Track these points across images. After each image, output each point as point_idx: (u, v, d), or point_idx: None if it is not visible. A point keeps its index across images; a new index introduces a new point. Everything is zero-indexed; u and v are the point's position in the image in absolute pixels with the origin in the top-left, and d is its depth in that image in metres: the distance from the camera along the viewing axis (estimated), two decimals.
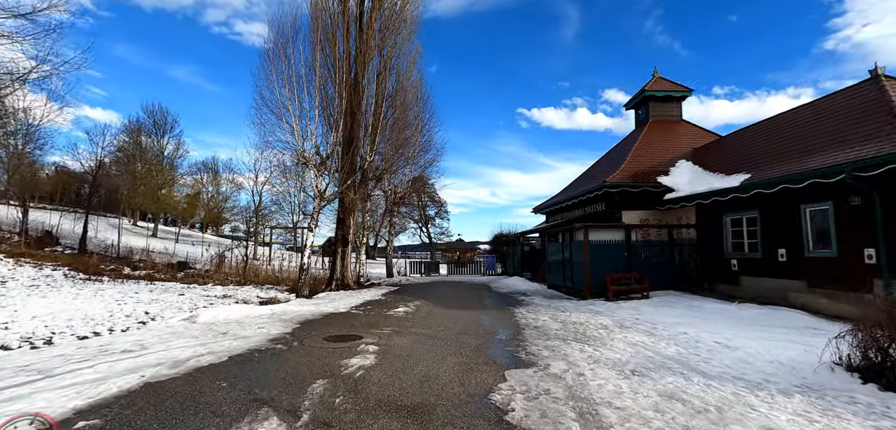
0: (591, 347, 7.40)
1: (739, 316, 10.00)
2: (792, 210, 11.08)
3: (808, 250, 10.65)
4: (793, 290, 11.05)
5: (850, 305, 9.59)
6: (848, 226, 9.68)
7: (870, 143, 9.32)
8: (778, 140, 13.11)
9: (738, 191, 12.24)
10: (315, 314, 10.94)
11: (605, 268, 14.23)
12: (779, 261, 11.49)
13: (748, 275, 12.58)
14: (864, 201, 9.28)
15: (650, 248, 14.84)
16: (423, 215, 53.67)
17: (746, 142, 15.09)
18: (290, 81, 14.61)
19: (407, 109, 19.61)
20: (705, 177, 15.15)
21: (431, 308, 12.48)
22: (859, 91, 11.57)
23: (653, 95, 20.99)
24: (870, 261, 9.19)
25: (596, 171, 21.70)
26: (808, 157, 10.96)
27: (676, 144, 19.09)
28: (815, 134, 11.65)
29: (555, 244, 17.63)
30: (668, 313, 10.69)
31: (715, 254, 13.97)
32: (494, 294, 16.88)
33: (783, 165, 11.47)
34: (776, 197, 11.42)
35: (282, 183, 34.28)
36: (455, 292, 17.59)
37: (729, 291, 13.26)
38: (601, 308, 11.99)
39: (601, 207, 17.71)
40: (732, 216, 13.25)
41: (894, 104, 9.68)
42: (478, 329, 9.21)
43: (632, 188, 16.35)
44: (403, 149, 20.22)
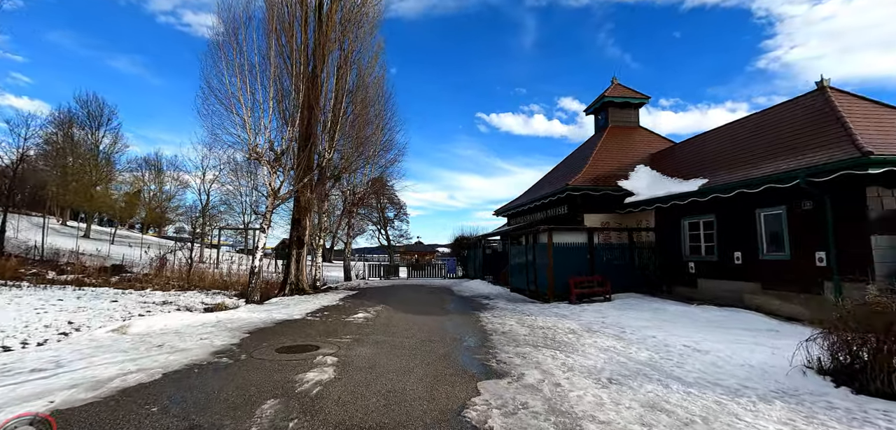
0: (563, 353, 7.12)
1: (701, 318, 10.13)
2: (747, 214, 11.41)
3: (763, 253, 10.99)
4: (748, 292, 11.37)
5: (801, 306, 9.93)
6: (800, 230, 10.03)
7: (821, 150, 9.69)
8: (732, 147, 13.56)
9: (696, 195, 12.51)
10: (266, 322, 10.07)
11: (568, 271, 14.19)
12: (734, 264, 11.81)
13: (705, 277, 12.88)
14: (816, 206, 9.63)
15: (611, 251, 14.98)
16: (382, 216, 52.52)
17: (701, 148, 15.57)
18: (241, 69, 13.58)
19: (368, 106, 18.89)
20: (664, 181, 15.49)
21: (393, 313, 11.89)
22: (806, 101, 12.13)
23: (612, 102, 21.42)
24: (820, 264, 9.54)
25: (557, 175, 21.86)
26: (762, 163, 11.33)
27: (634, 150, 19.52)
28: (767, 142, 12.09)
29: (518, 247, 17.49)
30: (633, 317, 10.67)
31: (673, 257, 14.27)
32: (457, 298, 16.49)
33: (739, 171, 11.82)
34: (732, 201, 11.73)
35: (232, 181, 32.40)
36: (417, 296, 17.04)
37: (686, 293, 13.55)
38: (566, 312, 11.86)
39: (563, 211, 17.77)
40: (690, 220, 13.56)
41: (841, 115, 10.14)
42: (444, 336, 8.74)
43: (593, 192, 16.48)
44: (363, 147, 19.47)
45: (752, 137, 13.01)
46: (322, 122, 16.95)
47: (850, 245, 8.94)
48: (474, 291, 18.94)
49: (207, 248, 35.66)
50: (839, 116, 10.17)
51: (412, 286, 22.47)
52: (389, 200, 55.50)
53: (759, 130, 13.01)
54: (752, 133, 13.19)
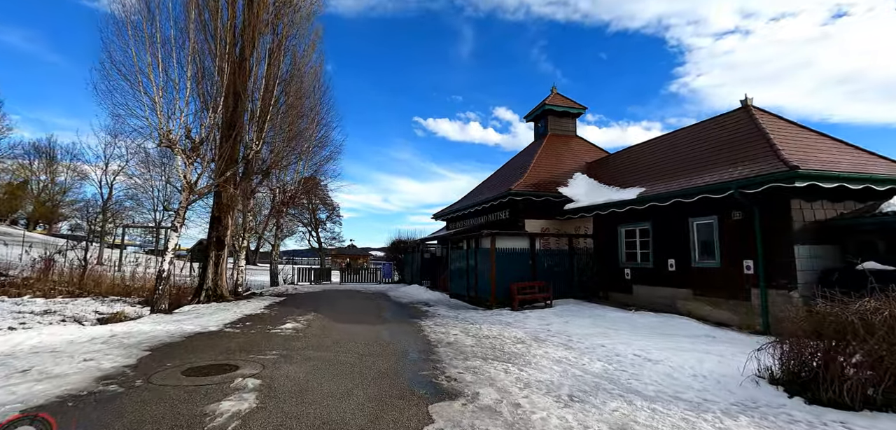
0: (516, 367, 6.64)
1: (641, 324, 10.23)
2: (681, 223, 11.82)
3: (695, 260, 11.41)
4: (680, 298, 11.76)
5: (730, 311, 10.37)
6: (730, 239, 10.49)
7: (751, 164, 10.21)
8: (667, 158, 14.13)
9: (634, 203, 12.80)
10: (174, 336, 8.62)
11: (510, 276, 13.96)
12: (668, 271, 12.20)
13: (640, 284, 13.23)
14: (745, 217, 10.11)
15: (552, 257, 14.99)
16: (313, 218, 50.11)
17: (637, 159, 16.15)
18: (153, 41, 11.77)
19: (303, 97, 17.51)
20: (601, 189, 15.84)
21: (326, 323, 10.84)
22: (733, 118, 12.91)
23: (552, 110, 21.82)
24: (748, 271, 10.01)
25: (497, 180, 21.80)
26: (696, 174, 11.81)
27: (572, 158, 19.96)
28: (700, 154, 12.68)
29: (458, 252, 17.05)
30: (576, 324, 10.56)
31: (610, 263, 14.56)
32: (395, 305, 15.66)
33: (675, 181, 12.24)
34: (668, 210, 12.12)
35: (142, 174, 28.88)
36: (351, 303, 15.96)
37: (622, 299, 13.86)
38: (510, 319, 11.53)
39: (505, 216, 17.63)
40: (627, 228, 13.90)
41: (766, 132, 10.81)
42: (385, 348, 7.94)
43: (535, 197, 16.49)
44: (296, 142, 18.02)
45: (686, 149, 13.62)
46: (250, 111, 15.36)
47: (775, 254, 9.43)
48: (412, 297, 18.21)
49: (109, 248, 31.49)
50: (764, 133, 10.82)
51: (346, 292, 21.23)
52: (322, 200, 53.10)
53: (691, 143, 13.65)
54: (686, 146, 13.82)
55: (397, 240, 28.92)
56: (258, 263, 55.60)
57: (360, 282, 28.13)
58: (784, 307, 9.07)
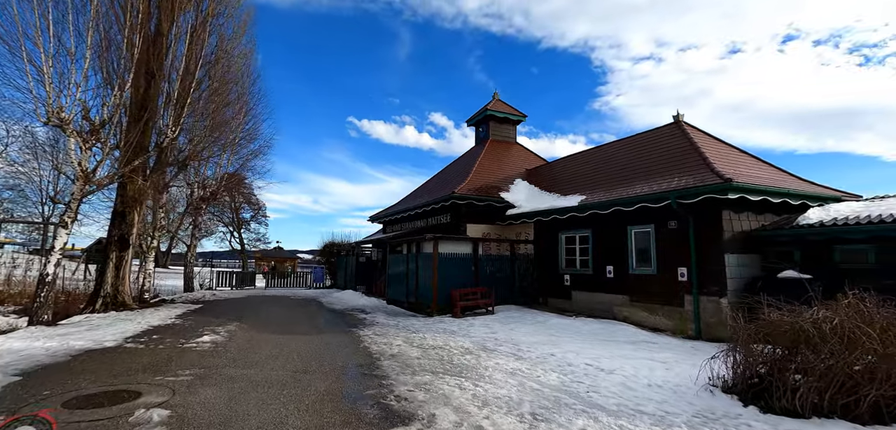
0: (470, 381, 6.16)
1: (585, 331, 10.26)
2: (620, 231, 12.14)
3: (632, 267, 11.75)
4: (618, 304, 12.06)
5: (665, 317, 10.75)
6: (666, 247, 10.90)
7: (686, 175, 10.68)
8: (605, 168, 14.55)
9: (575, 210, 12.98)
10: (57, 354, 7.11)
11: (452, 282, 13.56)
12: (607, 277, 12.48)
13: (580, 290, 13.43)
14: (680, 226, 10.54)
15: (494, 262, 14.81)
16: (236, 217, 46.66)
17: (576, 168, 16.53)
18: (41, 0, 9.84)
19: (229, 83, 15.88)
20: (542, 196, 16.00)
21: (252, 334, 9.68)
22: (666, 131, 13.59)
23: (493, 115, 21.89)
24: (682, 278, 10.43)
25: (437, 184, 21.41)
26: (636, 183, 12.20)
27: (513, 164, 20.11)
28: (638, 165, 13.15)
29: (397, 256, 16.36)
30: (522, 331, 10.36)
31: (550, 270, 14.69)
32: (329, 312, 14.60)
33: (613, 190, 12.57)
34: (608, 218, 12.41)
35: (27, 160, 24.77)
36: (280, 310, 14.64)
37: (562, 305, 14.01)
38: (454, 327, 11.08)
39: (446, 220, 17.24)
40: (567, 234, 14.10)
41: (699, 146, 11.41)
42: (321, 363, 7.10)
43: (478, 201, 16.28)
44: (221, 132, 16.28)
45: (624, 160, 14.10)
46: (166, 93, 13.54)
47: (707, 262, 9.90)
48: (347, 303, 17.19)
49: None
50: (697, 148, 11.42)
51: (273, 298, 19.61)
52: (247, 199, 49.76)
53: (629, 155, 14.15)
54: (624, 157, 14.31)
55: (330, 243, 27.48)
56: (169, 265, 50.60)
57: (288, 287, 26.31)
58: (715, 313, 9.53)
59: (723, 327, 9.46)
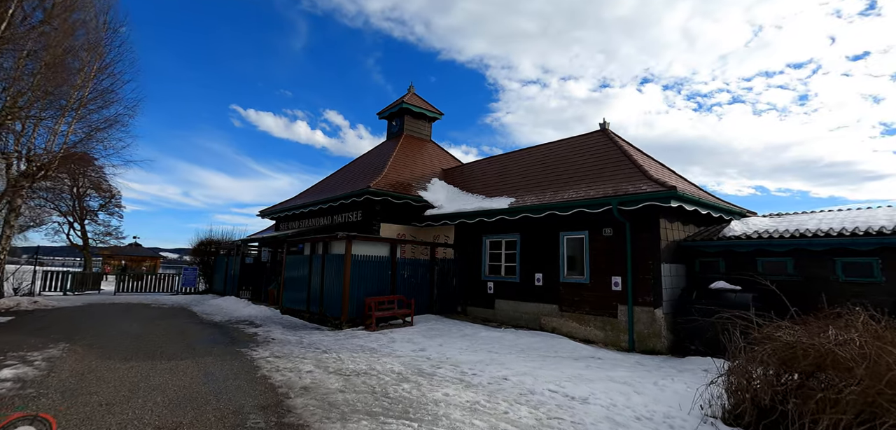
0: (427, 428, 4.56)
1: (522, 345, 9.25)
2: (552, 237, 11.52)
3: (563, 275, 11.17)
4: (546, 314, 11.39)
5: (598, 328, 10.28)
6: (600, 255, 10.47)
7: (625, 182, 10.38)
8: (534, 172, 13.97)
9: (505, 213, 12.10)
10: None
11: (366, 289, 11.71)
12: (535, 285, 11.76)
13: (505, 298, 12.55)
14: (615, 234, 10.18)
15: (411, 267, 13.24)
16: (78, 205, 38.18)
17: (503, 169, 15.79)
18: None
19: (75, 23, 11.97)
20: (464, 197, 14.94)
21: (89, 362, 6.81)
22: (593, 139, 13.47)
23: (409, 109, 20.38)
24: (616, 288, 10.05)
25: (342, 180, 19.20)
26: (567, 188, 11.70)
27: (428, 163, 18.82)
28: (568, 170, 12.74)
29: (298, 258, 13.91)
30: (454, 347, 8.99)
31: (472, 276, 13.63)
32: (207, 325, 11.65)
33: (546, 194, 11.94)
34: (539, 223, 11.72)
35: None
36: (136, 324, 11.28)
37: (484, 314, 13.01)
38: (373, 342, 9.30)
39: (356, 218, 15.24)
40: (492, 239, 13.17)
41: (631, 154, 11.29)
42: (202, 408, 4.89)
43: (394, 199, 14.61)
44: (60, 82, 12.20)
45: (554, 164, 13.63)
46: None
47: (642, 272, 9.61)
48: (230, 313, 14.16)
49: None
50: (630, 156, 11.28)
51: (126, 307, 15.51)
52: (95, 185, 41.52)
53: (559, 159, 13.72)
54: (554, 161, 13.86)
55: (207, 240, 23.16)
56: None
57: (148, 292, 21.45)
58: (649, 324, 9.20)
59: (657, 339, 9.19)
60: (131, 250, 47.35)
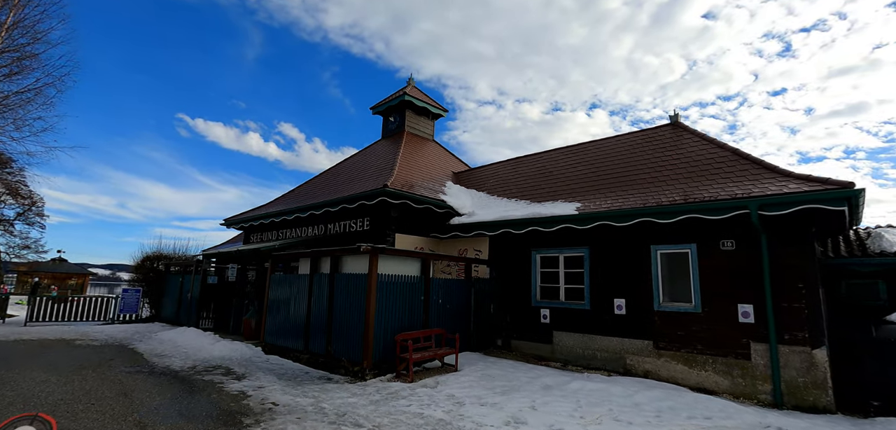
0: None
1: (638, 402, 6.50)
2: (637, 252, 8.96)
3: (659, 302, 8.59)
4: (633, 352, 8.74)
5: (719, 374, 7.73)
6: (716, 276, 7.99)
7: (750, 182, 8.00)
8: (592, 172, 11.40)
9: (572, 221, 9.43)
10: None
11: (392, 320, 8.60)
12: (615, 314, 9.11)
13: (566, 330, 9.81)
14: (740, 248, 7.74)
15: (446, 290, 10.18)
16: None
17: (538, 172, 13.14)
18: None
19: None
20: (499, 203, 12.16)
21: None
22: (663, 133, 11.21)
23: (411, 103, 17.41)
24: (745, 320, 7.58)
25: (327, 185, 15.87)
26: (647, 190, 9.23)
27: (435, 165, 15.90)
28: (645, 169, 10.28)
29: (289, 278, 10.50)
30: (561, 413, 6.09)
31: (517, 302, 10.81)
32: (163, 377, 8.03)
33: (624, 196, 9.40)
34: (618, 234, 9.16)
35: None
36: (53, 379, 7.50)
37: (536, 350, 10.19)
38: (428, 406, 6.27)
39: (362, 227, 12.04)
40: (547, 253, 10.44)
41: (745, 152, 8.98)
42: None
43: (414, 203, 11.58)
44: None
45: (622, 163, 11.10)
46: None
47: (789, 298, 7.19)
48: (192, 354, 10.46)
49: None
50: (737, 151, 8.97)
51: (42, 345, 11.32)
52: (11, 190, 35.50)
53: (628, 157, 11.20)
54: (620, 159, 11.31)
55: (154, 254, 18.72)
56: None
57: (72, 320, 16.77)
58: (805, 370, 6.77)
59: (820, 391, 6.75)
60: (54, 266, 40.72)
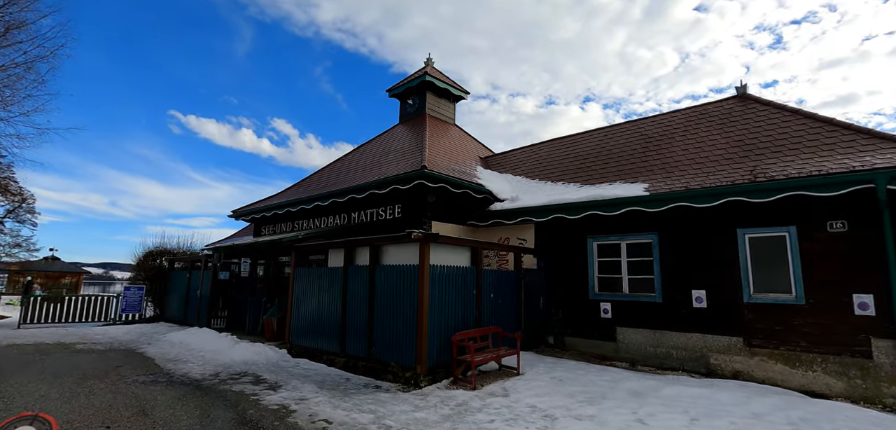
0: None
1: (748, 411, 5.45)
2: (721, 236, 7.90)
3: (750, 292, 7.54)
4: (718, 350, 7.70)
5: (829, 374, 6.71)
6: (824, 261, 6.96)
7: (829, 155, 6.95)
8: (653, 149, 10.29)
9: (640, 203, 8.35)
10: None
11: (446, 319, 7.49)
12: (694, 307, 8.06)
13: (632, 326, 8.76)
14: (856, 228, 6.70)
15: (496, 283, 9.02)
16: None
17: (588, 150, 12.01)
18: None
19: None
20: (543, 187, 11.07)
21: None
22: (726, 106, 10.12)
23: (432, 84, 16.21)
24: (863, 312, 6.55)
25: (343, 173, 14.70)
26: (731, 166, 8.15)
27: (460, 150, 14.73)
28: (710, 146, 9.20)
29: (318, 272, 9.37)
30: (659, 424, 5.03)
31: (571, 294, 9.75)
32: (181, 387, 6.89)
33: (701, 175, 8.32)
34: (696, 217, 8.09)
35: None
36: (54, 393, 6.31)
37: (596, 348, 9.13)
38: (513, 423, 5.17)
39: (393, 215, 10.91)
40: (605, 241, 9.36)
41: (839, 120, 7.93)
42: None
43: (453, 187, 10.45)
44: None
45: (686, 140, 9.98)
46: None
47: None
48: (211, 358, 9.31)
49: None
50: (846, 123, 7.91)
51: (39, 350, 10.10)
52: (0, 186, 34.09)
53: (692, 133, 10.09)
54: (682, 135, 10.19)
55: (157, 249, 17.49)
56: None
57: (69, 322, 15.49)
58: None
59: None
60: (47, 265, 39.27)
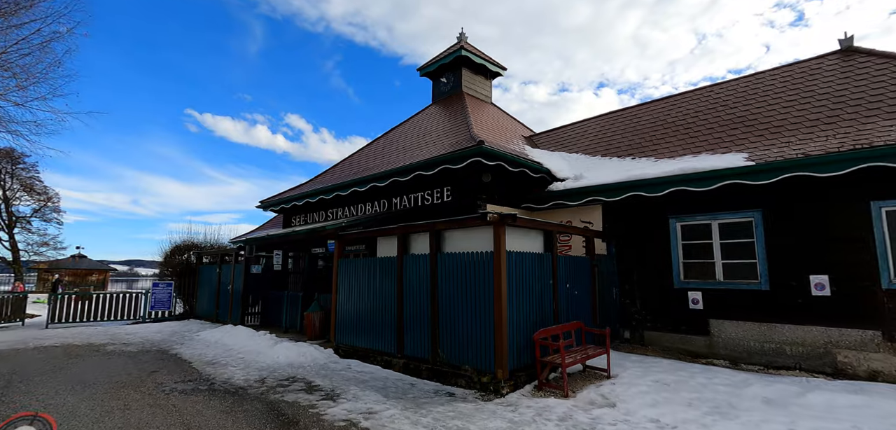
0: None
1: None
2: (846, 211, 6.66)
3: (889, 278, 6.30)
4: (848, 345, 6.51)
5: None
6: None
7: None
8: (737, 116, 9.02)
9: (741, 175, 7.14)
10: None
11: (526, 313, 6.44)
12: (813, 296, 6.86)
13: (730, 318, 7.59)
14: None
15: (573, 271, 7.91)
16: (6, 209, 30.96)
17: (656, 120, 10.73)
18: None
19: None
20: (608, 163, 9.90)
21: None
22: (828, 62, 8.79)
23: (469, 60, 15.08)
24: None
25: (379, 157, 13.67)
26: (841, 125, 6.88)
27: (501, 128, 13.59)
28: (809, 105, 7.90)
29: (367, 263, 8.42)
30: None
31: (651, 283, 8.61)
32: (225, 396, 5.98)
33: (836, 135, 7.06)
34: (811, 189, 6.87)
35: None
36: (83, 408, 5.46)
37: (685, 344, 8.00)
38: None
39: (444, 198, 9.87)
40: (692, 222, 8.18)
41: None
42: None
43: (510, 166, 9.35)
44: None
45: (777, 102, 8.66)
46: None
47: None
48: (252, 359, 8.45)
49: None
50: None
51: (67, 353, 9.39)
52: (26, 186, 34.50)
53: (785, 95, 8.75)
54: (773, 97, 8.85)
55: (185, 243, 16.82)
56: None
57: (97, 320, 14.91)
58: None
59: None
60: (74, 263, 39.46)
